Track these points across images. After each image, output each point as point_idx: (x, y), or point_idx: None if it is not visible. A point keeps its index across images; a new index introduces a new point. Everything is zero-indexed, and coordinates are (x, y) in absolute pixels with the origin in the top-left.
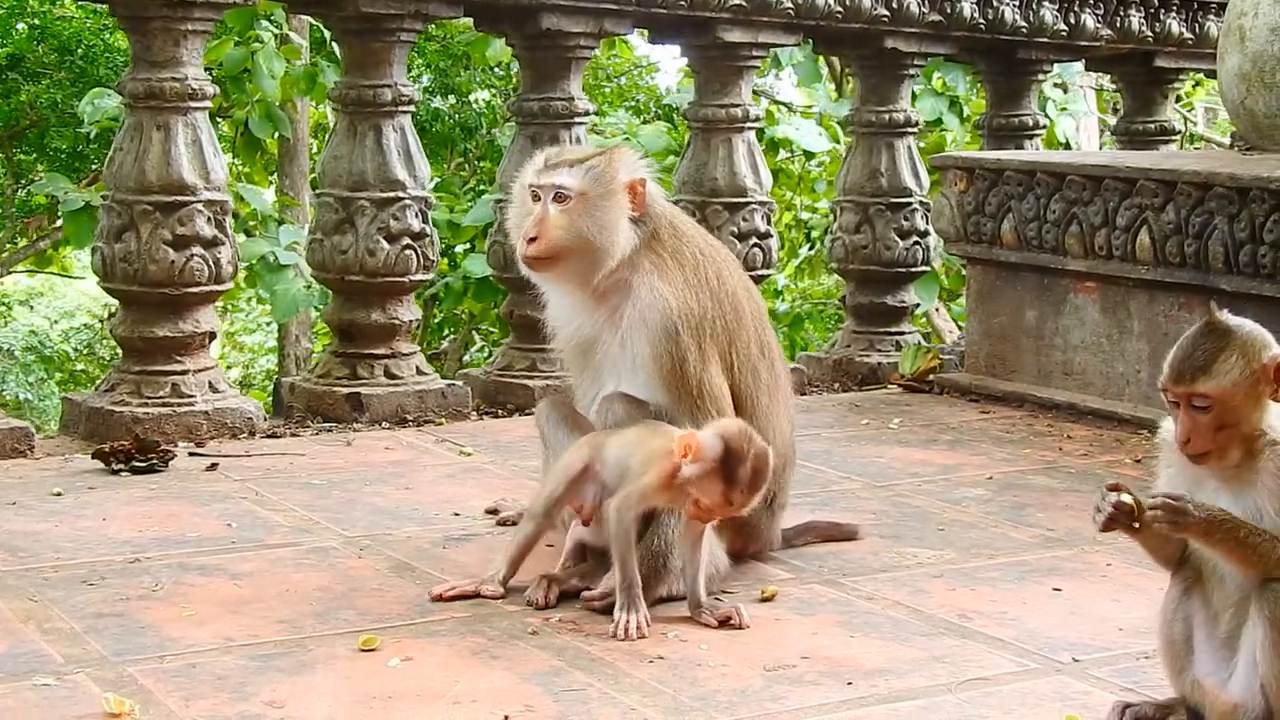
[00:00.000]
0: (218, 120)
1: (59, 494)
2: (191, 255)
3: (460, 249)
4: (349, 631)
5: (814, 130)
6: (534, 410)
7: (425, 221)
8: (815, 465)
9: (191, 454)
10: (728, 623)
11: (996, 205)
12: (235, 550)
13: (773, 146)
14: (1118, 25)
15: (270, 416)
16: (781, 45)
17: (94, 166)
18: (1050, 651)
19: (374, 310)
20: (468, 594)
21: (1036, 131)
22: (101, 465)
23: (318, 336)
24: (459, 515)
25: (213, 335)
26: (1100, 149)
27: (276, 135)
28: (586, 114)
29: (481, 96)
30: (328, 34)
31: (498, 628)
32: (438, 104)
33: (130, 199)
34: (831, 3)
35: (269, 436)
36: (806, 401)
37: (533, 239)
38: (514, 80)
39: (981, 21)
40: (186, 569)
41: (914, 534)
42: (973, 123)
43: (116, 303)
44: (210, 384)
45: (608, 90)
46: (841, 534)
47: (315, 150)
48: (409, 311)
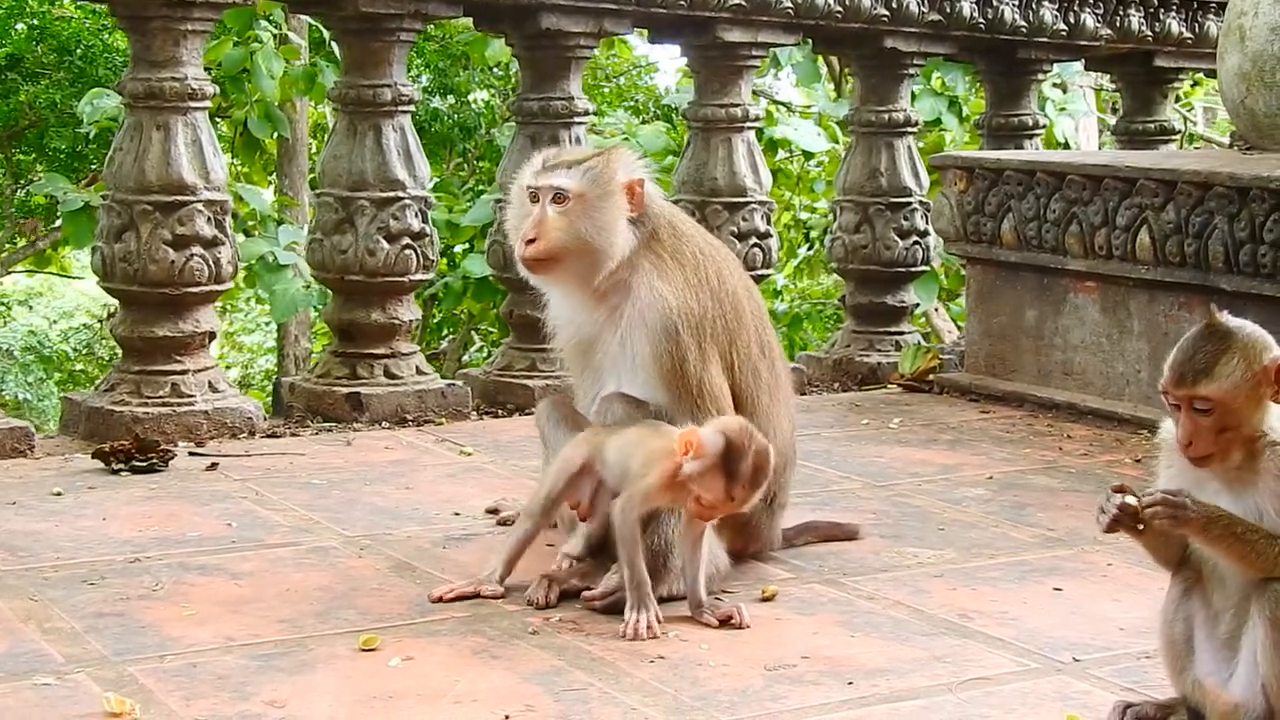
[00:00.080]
0: (216, 120)
1: (59, 494)
2: (191, 255)
3: (459, 249)
4: (349, 631)
5: (812, 130)
6: (534, 410)
7: (425, 221)
8: (815, 465)
9: (191, 454)
10: (728, 622)
11: (996, 205)
12: (235, 550)
13: (771, 147)
14: (1117, 25)
15: (270, 416)
16: (781, 45)
17: (93, 167)
18: (1051, 651)
19: (374, 310)
20: (467, 595)
21: (1036, 131)
22: (101, 465)
23: (317, 336)
24: (459, 515)
25: (213, 335)
26: (1099, 149)
27: (275, 135)
28: (586, 114)
29: (480, 96)
30: (327, 34)
31: (498, 627)
32: (436, 104)
33: (130, 199)
34: (831, 2)
35: (269, 436)
36: (806, 401)
37: (531, 241)
38: (513, 80)
39: (981, 21)
40: (187, 568)
41: (914, 534)
42: (972, 122)
43: (116, 302)
44: (210, 384)
45: (607, 90)
46: (842, 534)
47: (314, 150)
48: (409, 311)
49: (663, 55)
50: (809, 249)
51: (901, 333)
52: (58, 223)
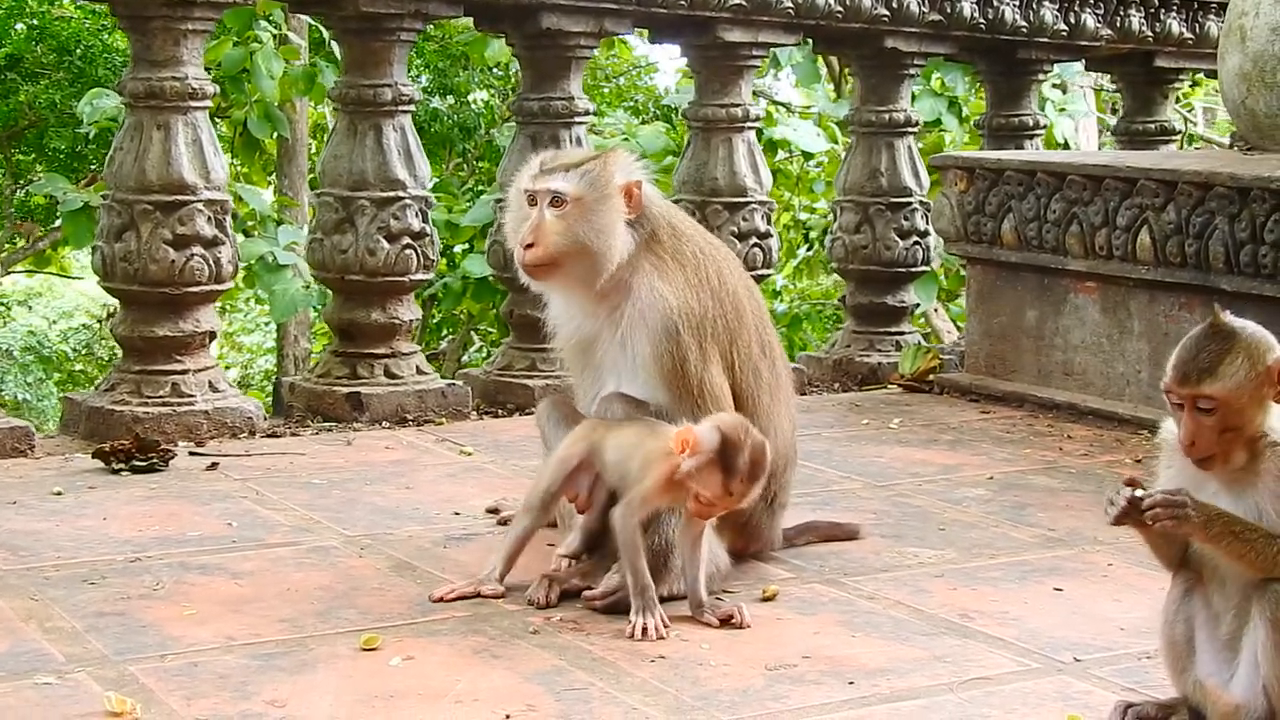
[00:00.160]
0: (216, 120)
1: (59, 493)
2: (191, 255)
3: (459, 249)
4: (350, 631)
5: (812, 131)
6: (534, 410)
7: (425, 221)
8: (815, 465)
9: (192, 453)
10: (729, 622)
11: (997, 205)
12: (236, 549)
13: (771, 147)
14: (1118, 25)
15: (270, 416)
16: (781, 45)
17: (93, 167)
18: (1052, 651)
19: (374, 310)
20: (467, 595)
21: (1036, 131)
22: (102, 465)
23: (317, 336)
24: (459, 514)
25: (213, 335)
26: (1100, 149)
27: (275, 135)
28: (586, 114)
29: (480, 96)
30: (327, 34)
31: (499, 627)
32: (436, 104)
33: (130, 198)
34: (831, 2)
35: (269, 436)
36: (807, 401)
37: (529, 245)
38: (513, 80)
39: (981, 21)
40: (187, 568)
41: (915, 534)
42: (971, 123)
43: (116, 302)
44: (210, 383)
45: (607, 90)
46: (842, 534)
47: (314, 150)
48: (409, 311)
49: (663, 55)
50: (809, 249)
51: (902, 333)
52: (57, 223)
